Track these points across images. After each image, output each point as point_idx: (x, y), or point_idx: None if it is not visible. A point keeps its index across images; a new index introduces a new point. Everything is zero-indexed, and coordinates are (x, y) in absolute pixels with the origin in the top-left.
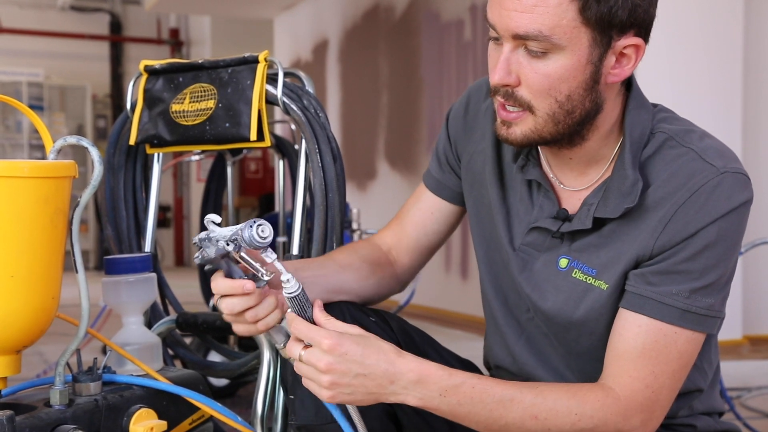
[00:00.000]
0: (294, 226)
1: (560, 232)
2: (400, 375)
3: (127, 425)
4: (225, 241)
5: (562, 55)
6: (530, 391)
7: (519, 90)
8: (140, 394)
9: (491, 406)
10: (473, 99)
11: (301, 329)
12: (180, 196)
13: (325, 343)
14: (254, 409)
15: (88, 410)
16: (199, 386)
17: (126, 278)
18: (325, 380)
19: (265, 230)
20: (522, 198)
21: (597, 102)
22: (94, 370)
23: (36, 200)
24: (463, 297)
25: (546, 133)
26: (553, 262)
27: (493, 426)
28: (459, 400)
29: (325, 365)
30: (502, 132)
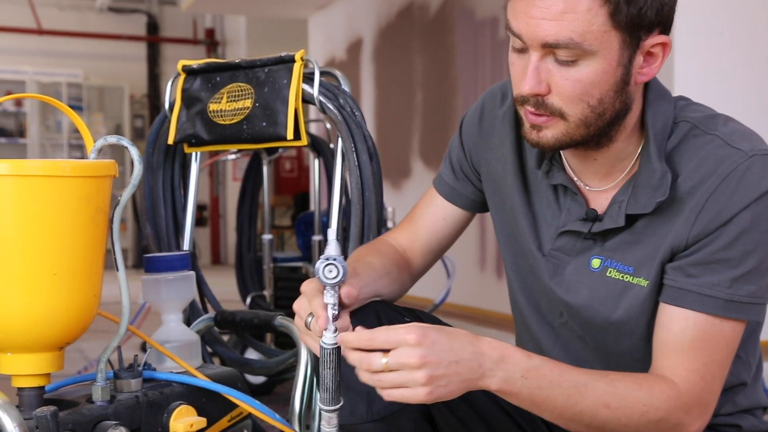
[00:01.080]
0: (330, 225)
1: (592, 233)
2: (485, 356)
3: (167, 422)
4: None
5: (593, 60)
6: (602, 379)
7: (549, 98)
8: (180, 391)
9: (568, 391)
10: (488, 106)
11: (378, 335)
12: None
13: (410, 337)
14: (292, 406)
15: (129, 407)
16: (238, 383)
17: (165, 276)
18: (421, 377)
19: (333, 271)
20: (549, 203)
21: (626, 102)
22: (135, 367)
23: (78, 199)
24: (498, 295)
25: (577, 135)
26: (585, 264)
27: (566, 413)
28: (539, 383)
29: (418, 359)
30: (532, 136)
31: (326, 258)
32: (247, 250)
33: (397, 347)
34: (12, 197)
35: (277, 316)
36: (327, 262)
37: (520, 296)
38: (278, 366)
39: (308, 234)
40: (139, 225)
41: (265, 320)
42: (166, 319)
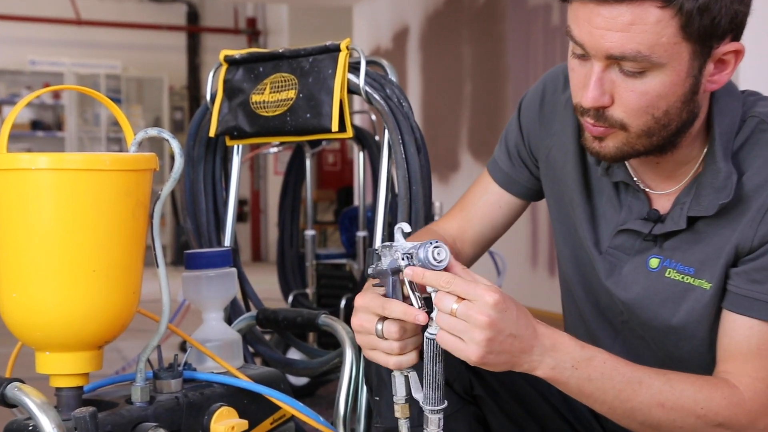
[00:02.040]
0: (376, 220)
1: (652, 235)
2: (539, 341)
3: (208, 424)
4: (402, 254)
5: (661, 72)
6: (658, 377)
7: (612, 110)
8: (221, 392)
9: (620, 386)
10: (549, 89)
11: (459, 282)
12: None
13: (489, 296)
14: (336, 409)
15: (169, 408)
16: (281, 384)
17: (206, 273)
18: (481, 336)
19: (442, 253)
20: (609, 198)
21: (694, 111)
22: (175, 366)
23: (117, 193)
24: (550, 294)
25: (640, 146)
26: (642, 264)
27: (617, 408)
28: (590, 374)
29: (487, 320)
30: (593, 146)
31: (429, 242)
32: (289, 246)
33: (473, 300)
34: (51, 191)
35: (321, 314)
36: (435, 245)
37: (579, 291)
38: (322, 367)
39: (352, 230)
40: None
41: (309, 319)
42: (207, 317)
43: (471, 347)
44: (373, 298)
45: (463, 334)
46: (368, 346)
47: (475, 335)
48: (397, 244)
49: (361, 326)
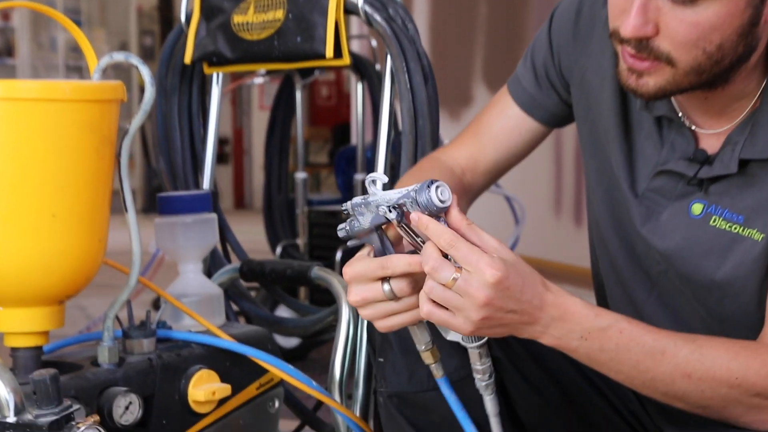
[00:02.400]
0: (376, 161)
1: (698, 178)
2: (544, 311)
3: (186, 388)
4: (388, 207)
5: (716, 0)
6: (686, 345)
7: (657, 41)
8: (200, 353)
9: (638, 357)
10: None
11: (462, 247)
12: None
13: (489, 274)
14: (331, 373)
15: (140, 370)
16: (268, 345)
17: (183, 219)
18: (476, 315)
19: (445, 192)
20: (649, 134)
21: (752, 45)
22: (147, 324)
23: (80, 127)
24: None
25: (686, 83)
26: (684, 210)
27: (635, 379)
28: (602, 345)
29: (485, 298)
30: (629, 82)
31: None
32: (276, 191)
33: (472, 272)
34: (2, 124)
35: (314, 266)
36: (436, 184)
37: (612, 236)
38: (315, 326)
39: (349, 172)
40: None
41: (300, 271)
42: (184, 269)
43: (462, 324)
44: (365, 262)
45: (457, 310)
46: (380, 316)
47: (471, 313)
48: (375, 198)
49: (364, 298)
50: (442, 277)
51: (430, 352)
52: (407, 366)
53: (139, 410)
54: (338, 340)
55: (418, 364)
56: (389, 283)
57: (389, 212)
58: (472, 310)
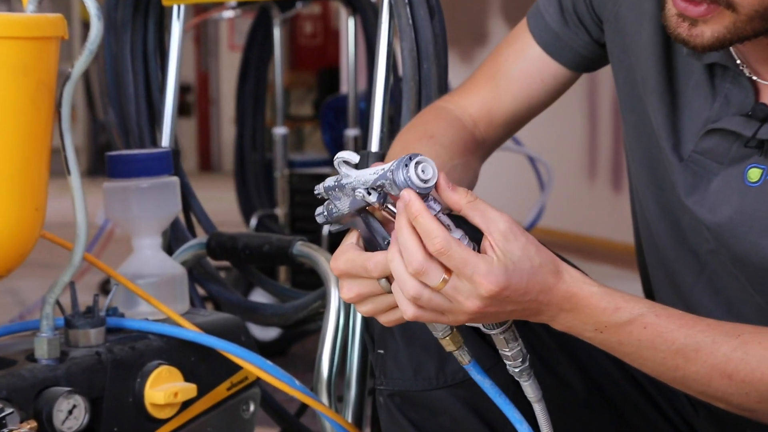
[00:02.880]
0: (372, 112)
1: (757, 139)
2: (551, 306)
3: (142, 389)
4: (366, 189)
5: None
6: (727, 341)
7: None
8: (159, 346)
9: (664, 354)
10: None
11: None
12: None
13: (484, 286)
14: (318, 370)
15: (87, 367)
16: (241, 337)
17: (137, 183)
18: (464, 319)
19: (428, 169)
20: (698, 84)
21: None
22: (95, 311)
23: (11, 71)
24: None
25: (749, 31)
26: (738, 177)
27: (663, 375)
28: (620, 339)
29: (476, 310)
30: (679, 31)
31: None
32: (250, 150)
33: (463, 279)
34: None
35: (296, 241)
36: (416, 160)
37: (653, 208)
38: (297, 313)
39: (338, 127)
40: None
41: (279, 247)
42: (139, 245)
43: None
44: (351, 255)
45: (445, 313)
46: (382, 310)
47: (459, 318)
48: (350, 180)
49: (359, 294)
50: (430, 281)
51: (450, 337)
52: (412, 358)
53: (85, 415)
54: (326, 330)
55: (425, 355)
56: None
57: (368, 195)
58: (459, 317)
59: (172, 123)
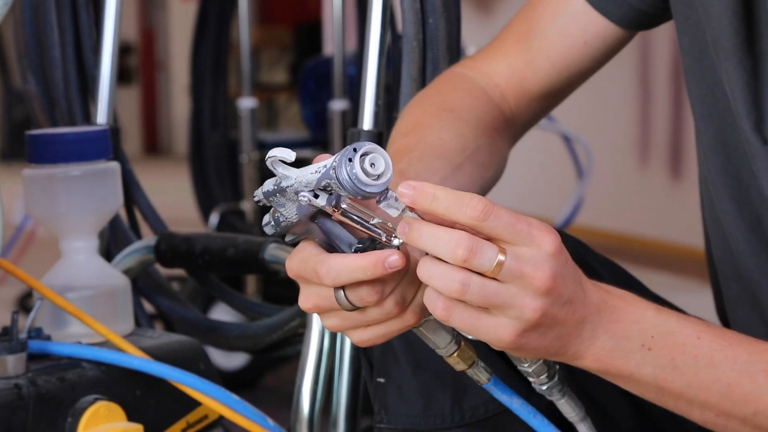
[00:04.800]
0: (364, 80)
1: None
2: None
3: (74, 430)
4: (312, 192)
5: None
6: None
7: None
8: (96, 376)
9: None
10: None
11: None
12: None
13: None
14: (297, 406)
15: (3, 404)
16: (199, 364)
17: (67, 170)
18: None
19: (378, 163)
20: None
21: None
22: (14, 333)
23: None
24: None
25: None
26: None
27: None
28: (673, 357)
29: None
30: None
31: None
32: (209, 127)
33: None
34: None
35: (268, 243)
36: (363, 150)
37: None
38: (270, 334)
39: (322, 98)
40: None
41: (248, 251)
42: (69, 248)
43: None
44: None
45: (502, 309)
46: (348, 327)
47: (526, 309)
48: (290, 183)
49: (317, 306)
50: (484, 262)
51: (457, 354)
52: (421, 389)
53: None
54: (306, 355)
55: (437, 385)
56: (343, 289)
57: (314, 198)
58: (528, 300)
59: (110, 94)
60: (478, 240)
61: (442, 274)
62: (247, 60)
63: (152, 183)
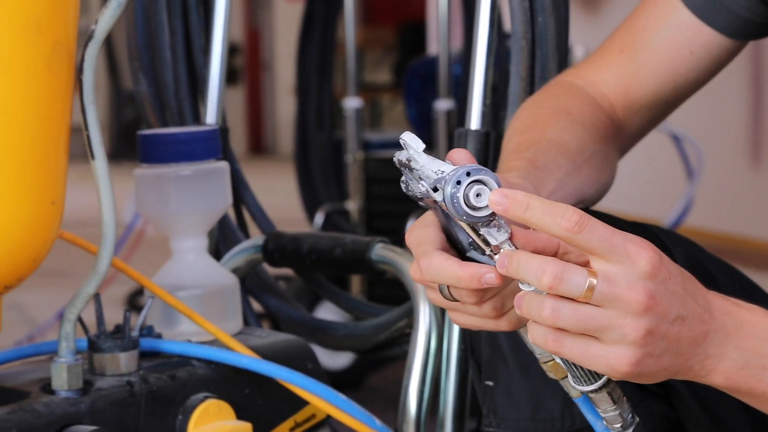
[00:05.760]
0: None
1: None
2: (714, 319)
3: (185, 427)
4: (430, 186)
5: None
6: None
7: None
8: (205, 375)
9: None
10: None
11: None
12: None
13: (643, 257)
14: (404, 406)
15: (116, 401)
16: (307, 363)
17: (177, 170)
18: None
19: (483, 196)
20: None
21: None
22: (126, 331)
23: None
24: None
25: None
26: None
27: None
28: None
29: (645, 296)
30: None
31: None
32: (314, 127)
33: (615, 263)
34: None
35: (375, 243)
36: (472, 179)
37: None
38: (377, 334)
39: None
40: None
41: (355, 251)
42: (179, 247)
43: (618, 352)
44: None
45: (604, 331)
46: (448, 307)
47: (628, 329)
48: (418, 166)
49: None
50: (573, 288)
51: (551, 364)
52: (531, 393)
53: None
54: (414, 356)
55: (547, 389)
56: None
57: (433, 192)
58: (628, 321)
59: (219, 94)
60: (565, 265)
61: (534, 302)
62: (352, 60)
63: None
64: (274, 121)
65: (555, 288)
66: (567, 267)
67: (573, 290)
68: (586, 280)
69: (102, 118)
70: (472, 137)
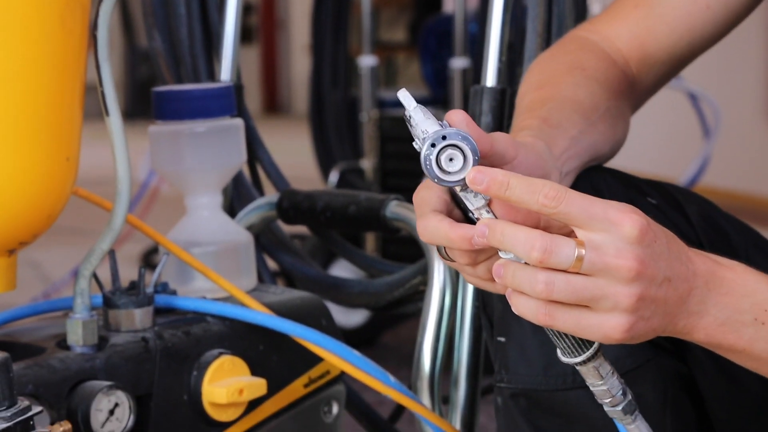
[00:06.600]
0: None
1: None
2: (698, 277)
3: (199, 384)
4: (417, 146)
5: None
6: None
7: None
8: (220, 331)
9: None
10: None
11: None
12: None
13: (628, 223)
14: (418, 363)
15: (131, 356)
16: (321, 320)
17: (192, 126)
18: (630, 296)
19: (456, 161)
20: None
21: None
22: (140, 288)
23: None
24: None
25: None
26: None
27: None
28: None
29: (635, 262)
30: None
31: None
32: (330, 86)
33: (599, 231)
34: None
35: (389, 201)
36: (446, 143)
37: None
38: (392, 292)
39: (442, 56)
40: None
41: (368, 209)
42: (194, 204)
43: (611, 320)
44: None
45: (596, 301)
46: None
47: (620, 297)
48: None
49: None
50: (562, 260)
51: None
52: (543, 349)
53: (129, 416)
54: (428, 313)
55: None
56: None
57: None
58: (620, 289)
59: (233, 51)
60: (552, 238)
61: (524, 275)
62: (367, 18)
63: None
64: (289, 79)
65: (545, 261)
66: (555, 239)
67: (563, 262)
68: (574, 251)
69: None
70: (488, 94)
